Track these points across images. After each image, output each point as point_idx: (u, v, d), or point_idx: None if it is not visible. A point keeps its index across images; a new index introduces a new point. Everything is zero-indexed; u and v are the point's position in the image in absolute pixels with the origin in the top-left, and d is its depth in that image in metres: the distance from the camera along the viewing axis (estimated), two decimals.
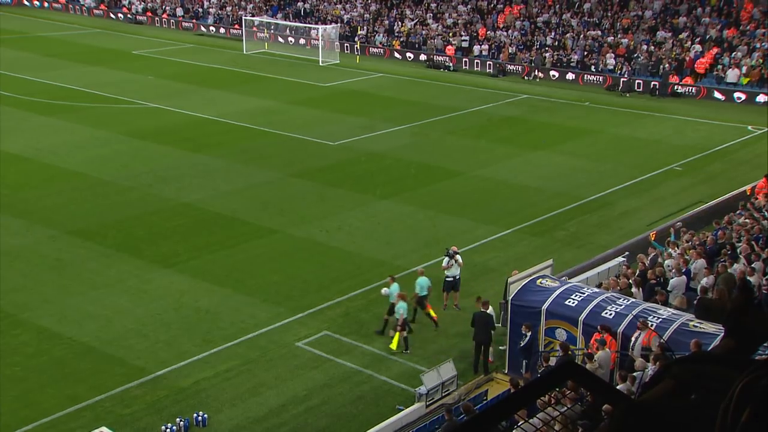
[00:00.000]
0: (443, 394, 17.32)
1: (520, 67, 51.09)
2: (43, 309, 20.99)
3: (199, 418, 16.56)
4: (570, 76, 49.53)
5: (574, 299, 17.12)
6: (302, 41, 59.18)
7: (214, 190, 29.94)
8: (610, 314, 16.41)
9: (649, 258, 20.53)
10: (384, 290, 19.98)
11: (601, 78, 48.52)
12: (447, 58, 53.48)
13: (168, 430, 16.10)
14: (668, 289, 18.83)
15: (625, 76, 47.24)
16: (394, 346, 19.16)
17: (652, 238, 22.70)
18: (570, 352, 16.13)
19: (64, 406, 17.08)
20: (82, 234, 25.83)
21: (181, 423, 16.35)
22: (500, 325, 19.51)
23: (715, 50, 47.24)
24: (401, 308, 19.09)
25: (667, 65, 46.77)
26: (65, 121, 38.92)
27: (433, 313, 20.23)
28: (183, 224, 26.89)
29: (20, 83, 46.06)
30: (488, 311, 18.60)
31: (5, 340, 19.58)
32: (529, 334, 17.23)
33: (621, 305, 16.65)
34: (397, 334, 19.16)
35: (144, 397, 17.51)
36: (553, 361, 15.87)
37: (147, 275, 23.04)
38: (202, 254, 24.37)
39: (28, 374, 18.27)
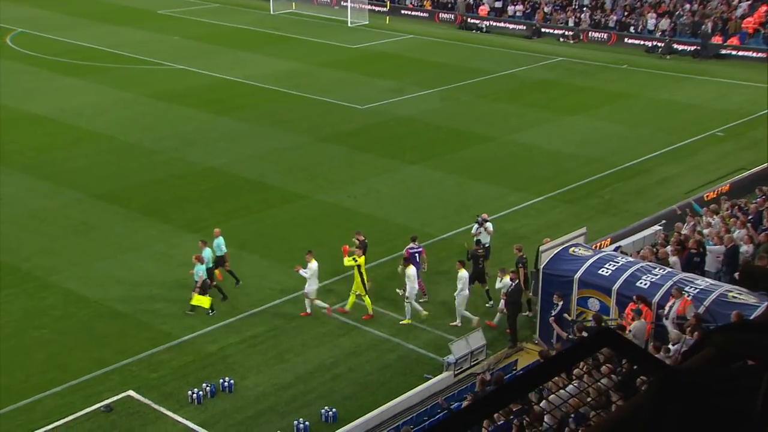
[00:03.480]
0: (472, 363, 17.40)
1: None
2: (70, 272, 21.36)
3: (225, 383, 16.84)
4: (607, 36, 48.64)
5: (607, 268, 17.01)
6: (330, 1, 58.69)
7: (241, 154, 30.07)
8: (646, 284, 16.29)
9: (688, 226, 20.28)
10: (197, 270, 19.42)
11: (640, 39, 47.57)
12: (480, 19, 52.76)
13: (194, 395, 16.41)
14: (705, 257, 18.64)
15: (666, 36, 46.26)
16: (206, 304, 18.99)
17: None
18: (604, 323, 16.08)
19: (92, 369, 17.47)
20: (107, 197, 26.16)
21: (208, 388, 16.64)
22: (531, 293, 19.49)
23: (764, 8, 45.93)
24: (199, 270, 19.08)
25: (711, 25, 45.67)
26: (90, 82, 39.20)
27: (217, 273, 20.24)
28: (209, 189, 27.09)
29: (45, 43, 46.40)
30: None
31: (33, 303, 20.01)
32: (560, 303, 17.18)
33: (657, 275, 16.51)
34: (195, 295, 18.96)
35: (170, 362, 17.83)
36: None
37: (173, 240, 23.32)
38: (228, 219, 24.57)
39: (56, 337, 18.69)
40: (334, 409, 16.12)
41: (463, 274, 18.84)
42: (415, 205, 25.96)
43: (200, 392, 16.47)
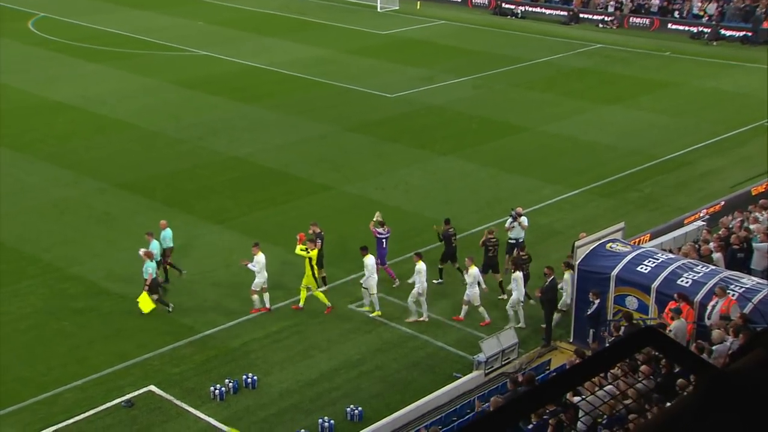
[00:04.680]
0: (503, 363, 17.33)
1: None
2: (92, 263, 21.63)
3: (249, 380, 16.94)
4: (649, 22, 48.00)
5: (647, 265, 16.82)
6: None
7: (266, 144, 30.21)
8: (687, 282, 16.08)
9: (735, 221, 19.99)
10: (141, 251, 19.55)
11: (685, 25, 46.87)
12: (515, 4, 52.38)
13: (217, 391, 16.54)
14: (752, 253, 18.36)
15: (713, 21, 45.51)
16: (146, 309, 18.88)
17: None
18: (635, 321, 15.91)
19: (113, 363, 17.69)
20: (130, 187, 26.44)
21: (230, 384, 16.77)
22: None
23: None
24: (149, 267, 19.02)
25: (762, 10, 44.82)
26: (113, 68, 39.61)
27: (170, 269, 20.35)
28: (233, 179, 27.26)
29: (68, 28, 46.95)
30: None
31: (54, 295, 20.30)
32: (597, 301, 17.03)
33: (699, 273, 16.29)
34: (144, 293, 18.95)
35: (192, 356, 17.99)
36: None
37: (196, 231, 23.51)
38: (252, 210, 24.70)
39: (77, 330, 18.95)
40: (359, 408, 16.15)
41: (421, 266, 18.81)
42: (445, 198, 25.89)
43: (223, 388, 16.60)
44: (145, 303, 18.97)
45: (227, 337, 18.73)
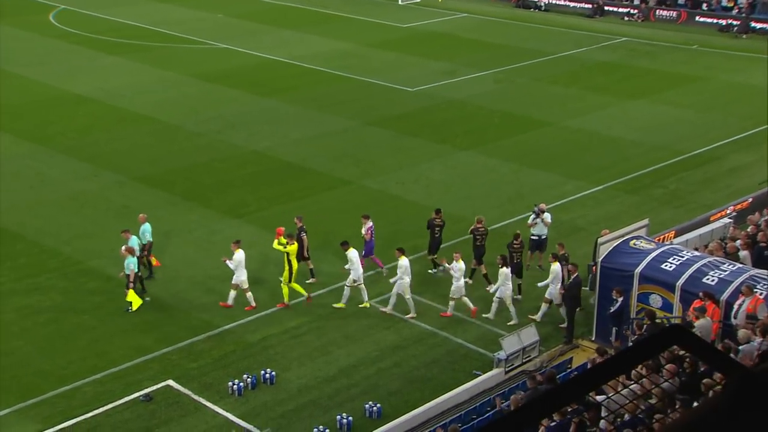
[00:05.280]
0: (524, 360, 17.27)
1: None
2: (111, 257, 21.75)
3: (267, 375, 17.01)
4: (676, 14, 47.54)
5: (671, 263, 16.69)
6: None
7: (285, 138, 30.28)
8: (713, 280, 15.94)
9: (763, 219, 19.77)
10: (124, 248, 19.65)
11: (713, 17, 46.35)
12: None
13: (235, 386, 16.62)
14: None
15: (743, 14, 44.98)
16: (134, 306, 19.08)
17: None
18: (658, 320, 15.79)
19: (132, 356, 17.83)
20: (149, 180, 26.61)
21: (249, 380, 16.84)
22: (588, 288, 19.26)
23: None
24: (131, 263, 19.03)
25: None
26: (133, 61, 39.86)
27: (154, 261, 20.39)
28: (252, 173, 27.35)
29: (88, 20, 47.29)
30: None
31: (73, 288, 20.48)
32: (620, 299, 16.93)
33: (725, 271, 16.14)
34: (131, 291, 19.06)
35: (210, 351, 18.09)
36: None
37: (214, 226, 23.61)
38: (271, 205, 24.77)
39: (96, 323, 19.11)
40: (378, 405, 16.17)
41: (404, 262, 18.86)
42: (466, 193, 25.82)
43: (241, 383, 16.68)
44: (134, 299, 19.11)
45: (245, 332, 18.82)
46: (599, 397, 10.94)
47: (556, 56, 40.90)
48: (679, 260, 16.72)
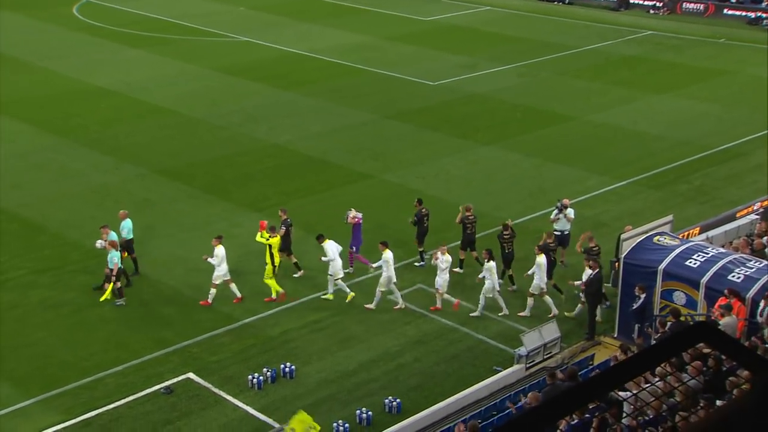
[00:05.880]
0: (545, 357, 17.22)
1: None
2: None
3: (287, 369, 17.09)
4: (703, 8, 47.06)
5: (696, 259, 16.55)
6: None
7: (306, 131, 30.33)
8: (739, 277, 15.79)
9: None
10: (99, 243, 19.70)
11: (742, 10, 45.80)
12: None
13: (255, 380, 16.71)
14: None
15: None
16: (106, 296, 19.15)
17: None
18: (682, 318, 15.67)
19: (153, 349, 17.97)
20: (170, 173, 26.77)
21: (268, 373, 16.92)
22: (610, 285, 19.15)
23: None
24: (114, 257, 19.04)
25: None
26: (155, 54, 40.09)
27: (124, 254, 20.21)
28: (272, 166, 27.44)
29: (111, 13, 47.61)
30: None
31: (95, 280, 20.64)
32: (643, 296, 16.82)
33: (752, 268, 15.98)
34: (111, 285, 19.10)
35: (231, 345, 18.19)
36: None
37: (235, 219, 23.72)
38: (291, 198, 24.83)
39: (117, 315, 19.28)
40: (398, 400, 16.19)
41: (387, 255, 18.86)
42: (487, 188, 25.75)
43: (261, 377, 16.76)
44: (107, 293, 19.20)
45: (265, 325, 18.90)
46: (622, 394, 10.88)
47: (580, 50, 40.62)
48: (704, 257, 16.58)
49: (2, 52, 40.03)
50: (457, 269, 20.26)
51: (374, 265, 19.64)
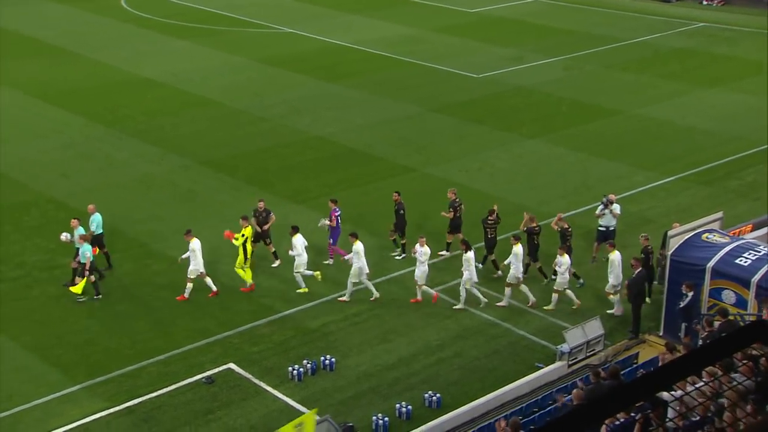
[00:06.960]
0: (588, 354, 17.02)
1: None
2: (175, 240, 22.17)
3: (327, 361, 17.15)
4: None
5: (747, 258, 16.21)
6: None
7: (349, 123, 30.37)
8: None
9: None
10: (64, 235, 19.58)
11: None
12: None
13: (295, 371, 16.81)
14: None
15: None
16: (78, 290, 18.98)
17: None
18: (731, 317, 15.33)
19: (194, 339, 18.19)
20: (214, 165, 27.04)
21: (308, 365, 17.01)
22: (657, 282, 18.87)
23: None
24: (86, 251, 18.90)
25: None
26: (200, 45, 40.48)
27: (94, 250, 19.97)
28: (315, 159, 27.53)
29: (158, 4, 48.16)
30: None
31: (139, 269, 20.98)
32: (690, 294, 16.51)
33: None
34: (84, 279, 18.97)
35: (271, 336, 18.32)
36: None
37: (276, 211, 23.77)
38: (332, 191, 24.84)
39: (161, 305, 19.55)
40: (438, 394, 16.15)
41: (358, 246, 18.99)
42: (532, 183, 25.52)
43: (301, 369, 16.86)
44: (80, 287, 19.17)
45: (306, 317, 19.00)
46: (666, 394, 10.68)
47: (628, 42, 40.00)
48: (755, 255, 16.23)
49: (51, 43, 40.80)
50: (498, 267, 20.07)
51: (347, 257, 19.70)
